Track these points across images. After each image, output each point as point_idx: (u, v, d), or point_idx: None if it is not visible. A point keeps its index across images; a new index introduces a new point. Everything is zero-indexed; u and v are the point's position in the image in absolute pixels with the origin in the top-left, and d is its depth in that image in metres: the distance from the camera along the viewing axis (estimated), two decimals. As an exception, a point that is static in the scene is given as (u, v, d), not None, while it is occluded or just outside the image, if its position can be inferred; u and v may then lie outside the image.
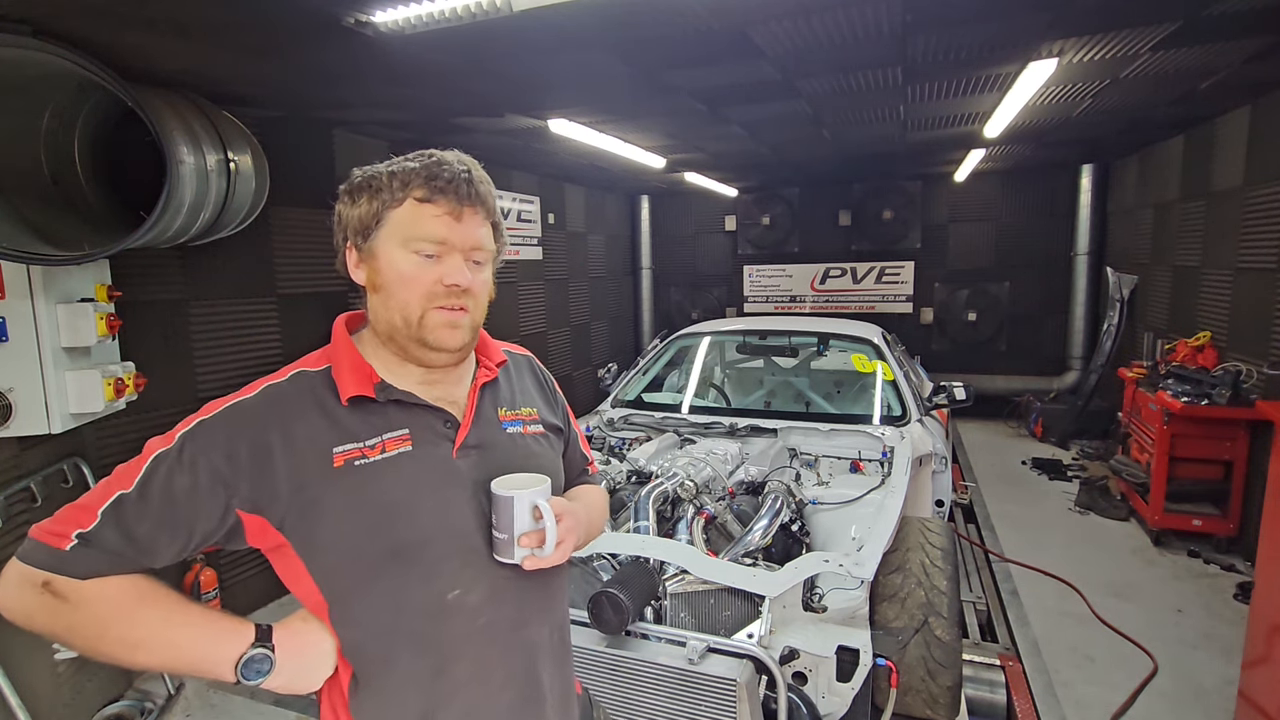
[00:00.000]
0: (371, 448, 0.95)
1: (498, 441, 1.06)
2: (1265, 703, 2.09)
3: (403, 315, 0.95)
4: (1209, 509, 4.04)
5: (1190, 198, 4.87)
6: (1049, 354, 7.18)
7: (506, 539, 0.95)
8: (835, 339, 4.22)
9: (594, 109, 3.83)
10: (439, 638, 0.96)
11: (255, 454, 0.89)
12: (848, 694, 1.92)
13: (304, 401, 0.95)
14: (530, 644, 1.04)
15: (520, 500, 0.94)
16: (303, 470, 0.91)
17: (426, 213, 0.95)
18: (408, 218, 0.95)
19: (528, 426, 1.11)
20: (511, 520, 0.95)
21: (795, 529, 2.65)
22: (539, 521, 0.95)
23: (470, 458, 1.01)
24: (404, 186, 0.95)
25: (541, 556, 0.96)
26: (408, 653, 0.96)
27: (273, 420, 0.92)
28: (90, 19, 2.10)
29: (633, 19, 2.43)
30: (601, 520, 1.25)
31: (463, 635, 0.98)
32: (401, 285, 0.95)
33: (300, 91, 3.16)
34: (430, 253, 0.95)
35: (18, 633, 0.84)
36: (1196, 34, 2.84)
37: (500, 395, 1.11)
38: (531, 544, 0.95)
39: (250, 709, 2.87)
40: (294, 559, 0.93)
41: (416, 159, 0.99)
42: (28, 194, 2.37)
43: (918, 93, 3.69)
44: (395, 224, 0.95)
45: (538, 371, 1.24)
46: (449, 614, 0.96)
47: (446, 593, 0.96)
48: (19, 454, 2.52)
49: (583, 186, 7.32)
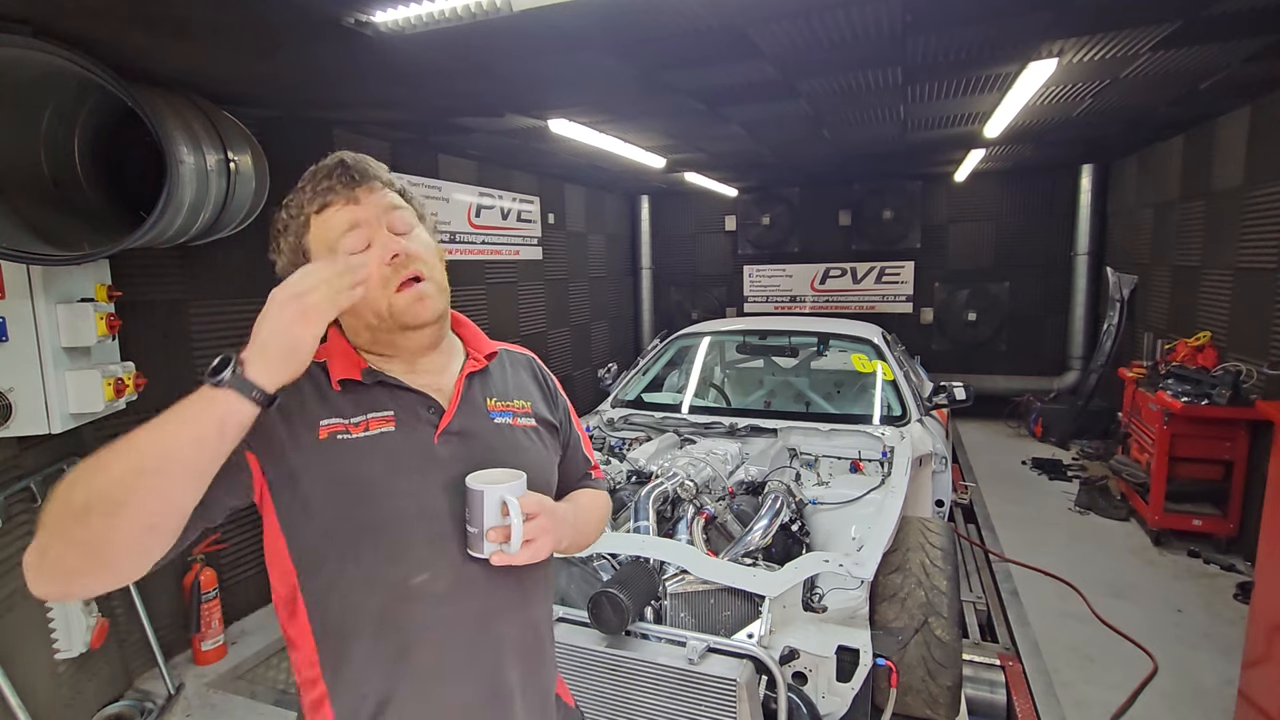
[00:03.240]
0: (355, 425, 0.96)
1: (483, 430, 1.06)
2: (1265, 703, 2.09)
3: (374, 312, 0.98)
4: (1209, 509, 4.03)
5: (1190, 198, 4.87)
6: (1049, 354, 7.18)
7: (476, 533, 0.95)
8: (835, 339, 4.22)
9: (594, 109, 3.83)
10: (403, 621, 0.96)
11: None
12: (848, 694, 1.92)
13: (300, 380, 0.92)
14: (497, 639, 1.02)
15: (490, 495, 0.94)
16: (293, 438, 0.93)
17: (328, 217, 0.99)
18: (319, 232, 0.99)
19: (518, 419, 1.10)
20: (482, 515, 0.95)
21: (795, 529, 2.65)
22: (506, 518, 0.95)
23: (452, 444, 1.01)
24: (300, 210, 1.00)
25: (508, 554, 0.95)
26: (371, 633, 0.95)
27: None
28: (90, 19, 2.10)
29: (633, 19, 2.43)
30: (598, 526, 1.23)
31: (426, 621, 0.97)
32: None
33: (300, 91, 3.16)
34: (359, 246, 0.97)
35: (18, 633, 0.83)
36: (1196, 34, 2.84)
37: (491, 386, 1.11)
38: (499, 539, 0.95)
39: (250, 709, 2.87)
40: (274, 524, 0.95)
41: (304, 180, 1.02)
42: (28, 194, 2.37)
43: (918, 93, 3.69)
44: (315, 245, 0.99)
45: (537, 370, 1.23)
46: (413, 598, 0.96)
47: (413, 576, 0.96)
48: (19, 454, 2.52)
49: (583, 186, 7.32)
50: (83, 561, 0.75)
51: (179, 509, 0.79)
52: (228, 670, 3.14)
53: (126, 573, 0.79)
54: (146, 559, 0.79)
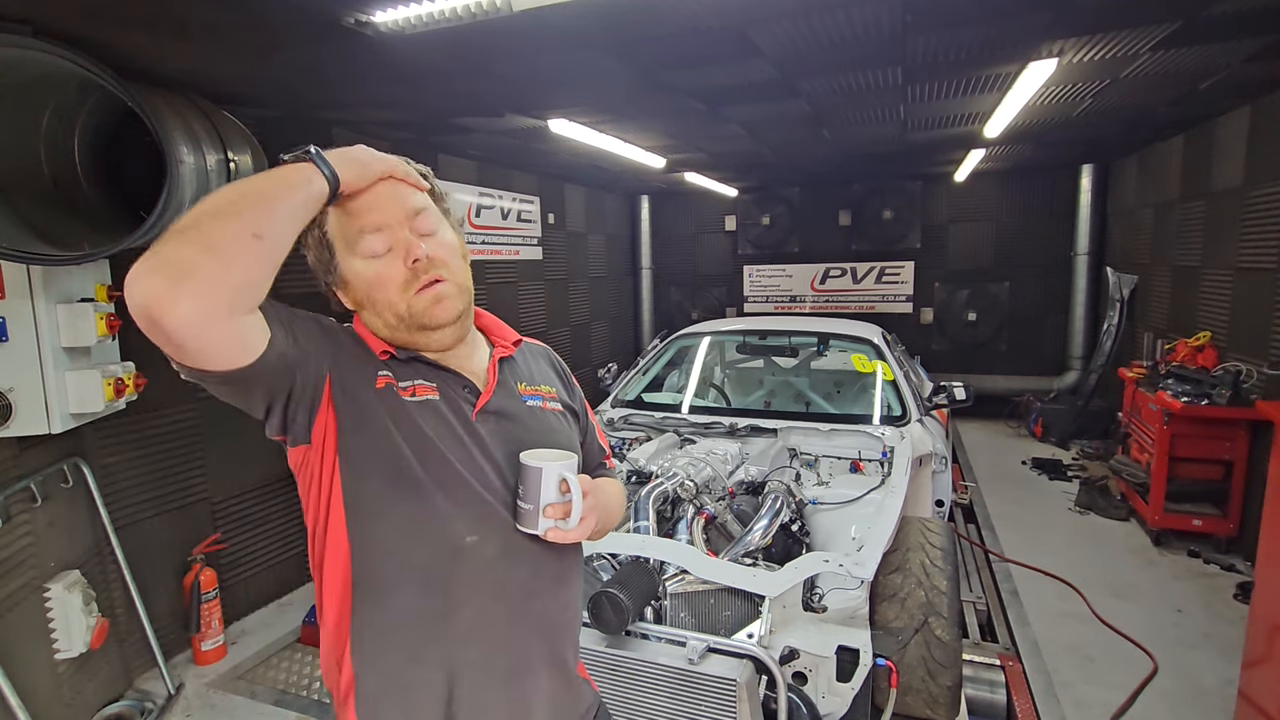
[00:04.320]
0: (404, 388, 1.00)
1: (518, 412, 1.09)
2: (1265, 703, 2.09)
3: (394, 313, 1.00)
4: (1209, 509, 4.03)
5: (1190, 198, 4.87)
6: (1049, 354, 7.18)
7: (531, 509, 0.98)
8: (835, 339, 4.22)
9: (594, 109, 3.83)
10: (448, 580, 0.97)
11: (340, 344, 1.00)
12: (848, 694, 1.92)
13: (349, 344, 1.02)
14: (534, 612, 1.04)
15: (549, 472, 0.97)
16: (357, 381, 0.97)
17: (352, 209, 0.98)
18: (339, 225, 1.00)
19: (547, 403, 1.15)
20: (539, 491, 0.97)
21: (795, 529, 2.65)
22: (565, 495, 0.98)
23: (489, 423, 1.04)
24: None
25: (565, 529, 0.98)
26: (415, 588, 0.97)
27: (344, 334, 1.02)
28: (90, 19, 2.10)
29: (633, 19, 2.43)
30: (618, 512, 1.26)
31: (472, 583, 0.99)
32: (377, 289, 0.99)
33: (300, 91, 3.16)
34: (379, 250, 0.98)
35: (18, 633, 0.83)
36: (1196, 34, 2.84)
37: (518, 371, 1.15)
38: (556, 515, 0.97)
39: (250, 709, 2.87)
40: (330, 463, 0.96)
41: None
42: (28, 194, 2.37)
43: (918, 93, 3.69)
44: (336, 234, 1.00)
45: (554, 360, 1.28)
46: (462, 558, 0.98)
47: (464, 536, 0.98)
48: (19, 454, 2.52)
49: (583, 186, 7.32)
50: (197, 252, 0.77)
51: (278, 235, 0.83)
52: (228, 670, 3.13)
53: (234, 272, 0.79)
54: (251, 267, 0.80)
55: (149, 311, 0.75)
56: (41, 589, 2.53)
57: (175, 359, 0.83)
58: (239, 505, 3.55)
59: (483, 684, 1.00)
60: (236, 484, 3.53)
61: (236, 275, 0.79)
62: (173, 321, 0.75)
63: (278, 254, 0.83)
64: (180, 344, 0.79)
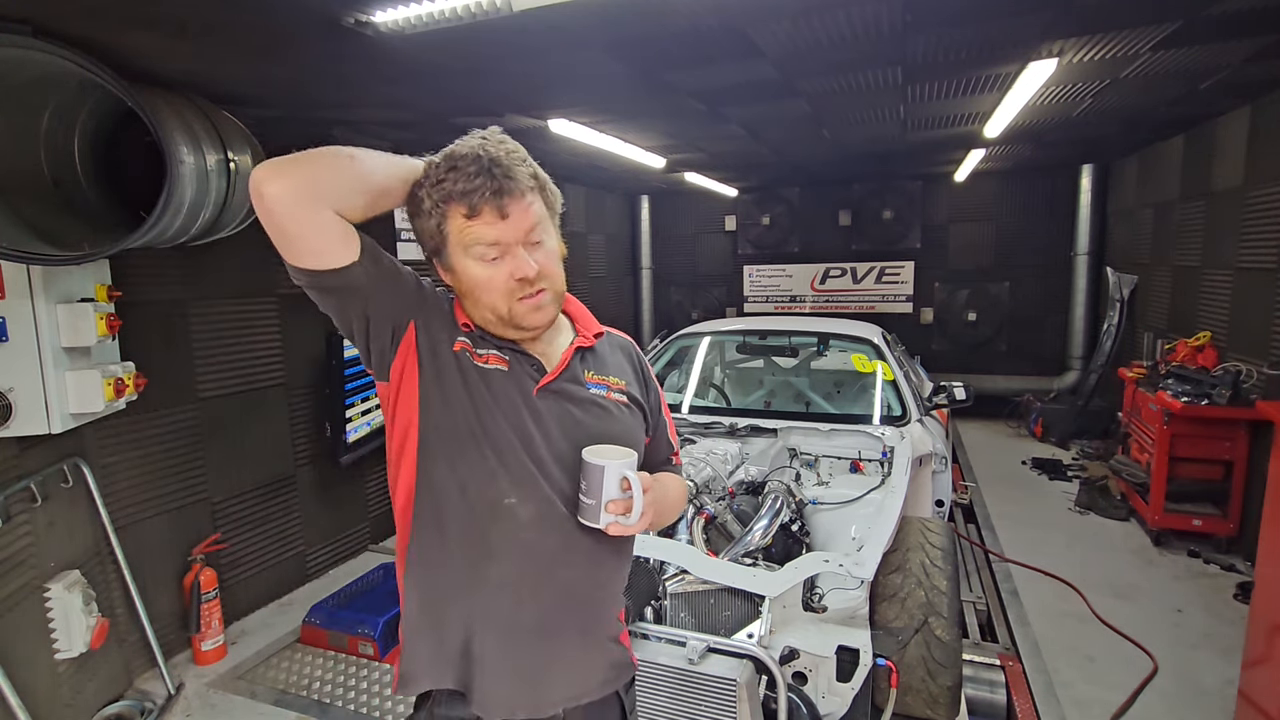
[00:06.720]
0: (479, 355, 1.11)
1: (579, 396, 1.16)
2: (1265, 703, 2.09)
3: (493, 312, 1.10)
4: (1209, 509, 4.03)
5: (1190, 198, 4.87)
6: (1049, 354, 7.18)
7: (594, 504, 1.03)
8: (835, 339, 4.22)
9: (594, 109, 3.82)
10: (486, 534, 1.07)
11: (429, 303, 1.13)
12: (848, 694, 1.92)
13: (436, 310, 1.14)
14: (562, 582, 1.11)
15: (611, 470, 1.02)
16: (441, 338, 1.11)
17: (474, 227, 1.05)
18: (458, 231, 1.07)
19: (611, 392, 1.21)
20: (601, 488, 1.02)
21: (795, 529, 2.65)
22: (626, 491, 1.02)
23: (548, 401, 1.13)
24: (445, 201, 1.06)
25: (626, 524, 1.03)
26: (458, 531, 1.09)
27: (438, 298, 1.15)
28: (90, 19, 2.10)
29: (633, 19, 2.42)
30: (677, 508, 1.32)
31: (506, 541, 1.08)
32: (482, 290, 1.08)
33: (300, 91, 3.16)
34: (493, 256, 1.06)
35: (18, 633, 0.83)
36: (1196, 34, 2.84)
37: (592, 361, 1.23)
38: (617, 511, 1.02)
39: (250, 709, 2.87)
40: (410, 399, 1.09)
41: (446, 166, 1.06)
42: (28, 194, 2.37)
43: (918, 93, 3.69)
44: (454, 235, 1.07)
45: (634, 354, 1.33)
46: (499, 516, 1.07)
47: (505, 496, 1.07)
48: (19, 454, 2.52)
49: (583, 186, 7.32)
50: (300, 157, 0.96)
51: (371, 168, 1.03)
52: (228, 670, 3.14)
53: (321, 171, 0.97)
54: (338, 173, 0.99)
55: (254, 189, 0.92)
56: (41, 589, 2.53)
57: (283, 255, 0.99)
58: (239, 505, 3.55)
59: (506, 635, 1.08)
60: (236, 484, 3.53)
61: (323, 175, 0.96)
62: (269, 197, 0.92)
63: (366, 181, 1.01)
64: (280, 226, 0.95)
